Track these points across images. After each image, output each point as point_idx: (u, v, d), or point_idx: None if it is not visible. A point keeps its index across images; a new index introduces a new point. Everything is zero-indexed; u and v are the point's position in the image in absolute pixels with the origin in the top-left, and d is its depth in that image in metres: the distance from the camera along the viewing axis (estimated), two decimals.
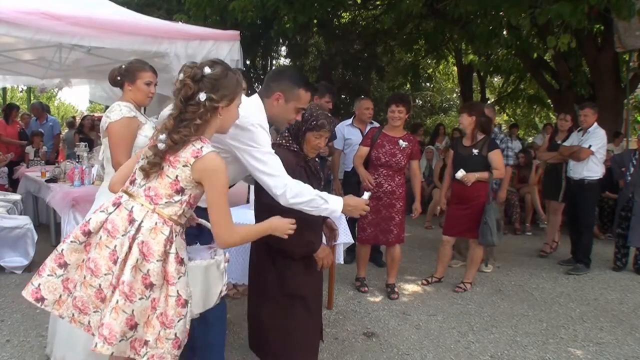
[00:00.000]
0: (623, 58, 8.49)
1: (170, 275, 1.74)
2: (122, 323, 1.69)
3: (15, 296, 3.93)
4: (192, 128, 1.75)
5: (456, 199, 4.35)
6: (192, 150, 1.74)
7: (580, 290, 4.53)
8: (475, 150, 4.22)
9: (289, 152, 2.34)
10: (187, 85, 1.76)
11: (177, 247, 1.78)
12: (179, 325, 1.75)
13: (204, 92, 1.74)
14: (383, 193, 4.02)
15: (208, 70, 1.77)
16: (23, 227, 4.53)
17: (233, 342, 3.19)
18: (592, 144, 4.90)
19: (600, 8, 5.39)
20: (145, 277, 1.72)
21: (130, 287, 1.69)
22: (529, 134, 16.81)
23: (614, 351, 3.28)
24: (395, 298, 4.11)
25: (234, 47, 5.06)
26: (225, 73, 1.81)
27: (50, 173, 5.23)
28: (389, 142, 4.04)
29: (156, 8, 9.65)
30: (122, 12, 4.99)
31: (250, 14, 7.44)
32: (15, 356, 2.97)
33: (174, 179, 1.75)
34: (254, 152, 2.15)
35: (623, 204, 5.16)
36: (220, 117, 1.82)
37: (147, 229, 1.74)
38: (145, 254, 1.72)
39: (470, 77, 13.47)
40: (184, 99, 1.76)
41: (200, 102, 1.75)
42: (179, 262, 1.78)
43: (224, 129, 1.92)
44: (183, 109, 1.77)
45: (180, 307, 1.75)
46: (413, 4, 6.61)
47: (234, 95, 1.83)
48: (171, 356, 1.75)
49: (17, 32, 3.83)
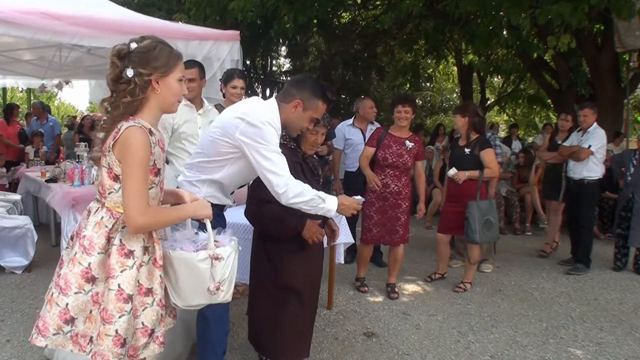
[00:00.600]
0: (623, 58, 8.48)
1: (112, 268, 1.65)
2: (55, 316, 1.64)
3: (15, 296, 3.93)
4: (122, 107, 1.66)
5: (450, 198, 4.42)
6: (114, 133, 1.65)
7: (580, 290, 4.53)
8: (468, 150, 4.27)
9: (286, 149, 2.37)
10: (114, 64, 1.67)
11: (122, 238, 1.68)
12: (120, 322, 1.64)
13: (131, 67, 1.65)
14: (389, 193, 4.02)
15: (134, 45, 1.67)
16: (23, 227, 4.53)
17: (233, 342, 3.19)
18: (592, 144, 4.90)
19: (601, 8, 5.39)
20: (86, 271, 1.65)
21: (65, 280, 1.65)
22: (529, 134, 16.81)
23: (614, 351, 3.28)
24: (396, 297, 4.10)
25: (234, 47, 5.07)
26: (155, 45, 1.70)
27: (50, 173, 5.23)
28: (396, 142, 4.05)
29: (156, 8, 9.65)
30: (122, 12, 5.00)
31: (250, 14, 7.44)
32: (15, 356, 2.97)
33: (108, 167, 1.68)
34: (261, 149, 2.17)
35: (623, 204, 5.15)
36: (157, 92, 1.70)
37: (92, 223, 1.69)
38: (86, 247, 1.66)
39: (470, 77, 13.47)
40: (113, 79, 1.68)
41: (129, 79, 1.65)
42: (124, 255, 1.67)
43: (168, 106, 1.78)
44: (114, 90, 1.69)
45: (121, 302, 1.64)
46: (413, 4, 6.61)
47: (167, 67, 1.70)
48: (113, 354, 1.64)
49: (17, 32, 3.83)
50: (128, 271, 1.67)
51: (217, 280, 1.77)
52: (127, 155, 1.62)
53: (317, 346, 3.19)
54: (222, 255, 1.76)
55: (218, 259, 1.76)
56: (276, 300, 2.42)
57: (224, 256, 1.77)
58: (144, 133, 1.66)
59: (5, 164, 6.80)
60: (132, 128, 1.64)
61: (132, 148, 1.62)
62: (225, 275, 1.78)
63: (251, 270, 2.55)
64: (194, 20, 7.89)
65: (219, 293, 1.79)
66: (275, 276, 2.40)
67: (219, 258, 1.76)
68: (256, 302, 2.47)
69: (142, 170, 1.64)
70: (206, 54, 4.76)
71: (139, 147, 1.62)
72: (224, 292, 1.81)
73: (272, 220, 2.36)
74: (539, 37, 7.77)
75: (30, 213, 5.56)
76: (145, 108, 1.72)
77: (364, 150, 4.24)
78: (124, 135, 1.63)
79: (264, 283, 2.43)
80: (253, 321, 2.54)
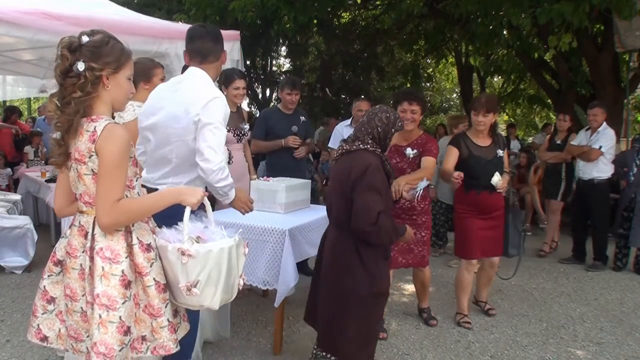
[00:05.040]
0: (623, 58, 8.48)
1: (142, 267, 1.67)
2: (114, 333, 1.62)
3: (15, 296, 3.93)
4: (74, 104, 1.59)
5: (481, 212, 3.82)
6: (89, 136, 1.60)
7: (580, 290, 4.53)
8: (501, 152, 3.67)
9: (374, 156, 2.39)
10: (64, 57, 1.60)
11: (137, 235, 1.70)
12: (167, 310, 1.71)
13: (82, 61, 1.59)
14: (401, 210, 3.32)
15: (86, 39, 1.62)
16: (23, 227, 4.53)
17: (233, 342, 3.19)
18: (603, 145, 4.89)
19: (602, 8, 5.38)
20: (122, 279, 1.64)
21: (107, 297, 1.62)
22: (529, 134, 16.82)
23: (614, 351, 3.28)
24: (434, 324, 3.59)
25: (234, 47, 5.07)
26: (107, 41, 1.65)
27: (50, 173, 5.23)
28: (395, 153, 3.38)
29: (156, 8, 9.66)
30: (122, 12, 5.00)
31: (250, 14, 7.44)
32: (15, 356, 2.97)
33: (92, 174, 1.62)
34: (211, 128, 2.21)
35: (625, 204, 5.14)
36: (107, 89, 1.66)
37: (100, 234, 1.65)
38: (110, 258, 1.64)
39: (470, 77, 13.46)
40: (62, 72, 1.61)
41: (80, 73, 1.59)
42: (145, 250, 1.70)
43: (118, 104, 1.74)
44: (62, 83, 1.62)
45: (163, 293, 1.70)
46: (413, 3, 6.61)
47: (118, 63, 1.66)
48: (172, 342, 1.71)
49: (17, 32, 3.84)
50: (155, 263, 1.71)
51: (189, 280, 1.66)
52: (103, 152, 1.58)
53: None
54: (192, 252, 1.63)
55: (185, 254, 1.63)
56: (369, 305, 2.40)
57: (193, 254, 1.63)
58: (124, 130, 1.64)
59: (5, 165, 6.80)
60: (111, 126, 1.61)
61: (110, 146, 1.58)
62: (199, 276, 1.65)
63: (332, 275, 2.44)
64: (194, 20, 7.89)
65: (192, 294, 1.67)
66: (371, 282, 2.37)
67: (186, 254, 1.63)
68: (348, 309, 2.37)
69: (117, 169, 1.60)
70: None
71: (118, 146, 1.59)
72: (198, 295, 1.67)
73: (389, 228, 2.32)
74: (539, 37, 7.77)
75: (30, 213, 5.57)
76: (100, 105, 1.67)
77: None
78: (104, 134, 1.58)
79: (357, 290, 2.36)
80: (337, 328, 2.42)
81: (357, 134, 2.47)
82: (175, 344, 1.72)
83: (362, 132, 2.46)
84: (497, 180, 3.35)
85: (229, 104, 3.86)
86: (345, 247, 2.40)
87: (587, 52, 7.77)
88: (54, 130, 1.66)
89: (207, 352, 2.95)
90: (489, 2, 6.24)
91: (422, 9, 6.85)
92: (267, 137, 4.25)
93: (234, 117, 3.89)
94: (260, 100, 15.79)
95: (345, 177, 2.36)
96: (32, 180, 5.65)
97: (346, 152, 2.45)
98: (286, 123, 4.25)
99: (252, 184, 3.54)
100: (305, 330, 3.41)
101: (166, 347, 1.70)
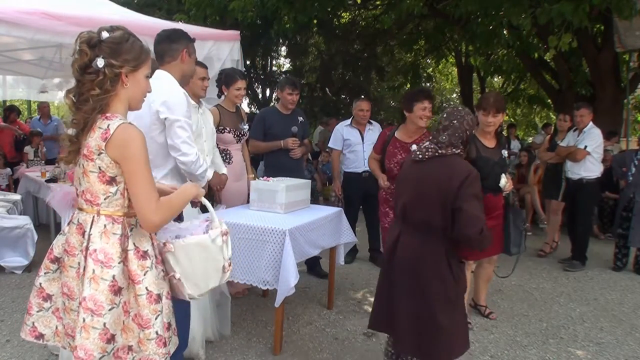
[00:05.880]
0: (623, 58, 8.49)
1: (135, 274, 1.62)
2: (96, 340, 1.56)
3: (15, 296, 3.93)
4: (91, 101, 1.56)
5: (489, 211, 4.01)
6: (101, 134, 1.56)
7: (580, 290, 4.53)
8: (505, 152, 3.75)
9: (466, 162, 2.45)
10: (83, 52, 1.56)
11: (134, 241, 1.65)
12: (157, 323, 1.63)
13: (101, 57, 1.56)
14: None
15: (106, 35, 1.58)
16: (23, 227, 4.53)
17: (233, 342, 3.19)
18: (588, 145, 4.91)
19: (602, 8, 5.39)
20: (112, 284, 1.58)
21: (94, 301, 1.56)
22: (529, 134, 16.82)
23: (614, 351, 3.28)
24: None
25: (234, 47, 5.07)
26: (127, 37, 1.63)
27: (50, 173, 5.24)
28: (401, 149, 3.55)
29: (156, 8, 9.66)
30: (122, 12, 5.00)
31: (250, 14, 7.45)
32: (15, 356, 2.97)
33: (99, 172, 1.58)
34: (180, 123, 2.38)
35: (624, 204, 5.15)
36: (126, 87, 1.63)
37: (96, 235, 1.60)
38: (103, 261, 1.58)
39: (470, 77, 13.47)
40: (80, 67, 1.57)
41: (99, 69, 1.56)
42: (141, 257, 1.65)
43: (135, 102, 1.71)
44: (80, 79, 1.58)
45: (154, 304, 1.63)
46: (413, 3, 6.61)
47: (138, 61, 1.64)
48: (159, 356, 1.64)
49: (17, 32, 3.83)
50: (150, 272, 1.66)
51: (228, 257, 1.80)
52: (127, 152, 1.56)
53: (317, 346, 3.19)
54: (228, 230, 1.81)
55: (227, 234, 1.79)
56: (455, 306, 2.44)
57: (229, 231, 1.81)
58: (139, 130, 1.61)
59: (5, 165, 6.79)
60: (126, 127, 1.58)
61: (133, 148, 1.56)
62: (231, 252, 1.82)
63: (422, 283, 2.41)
64: (194, 20, 7.90)
65: (228, 271, 1.82)
66: (457, 285, 2.43)
67: (227, 233, 1.79)
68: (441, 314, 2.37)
69: (147, 169, 1.60)
70: (207, 54, 4.76)
71: (141, 146, 1.58)
72: (231, 269, 1.84)
73: (488, 236, 2.36)
74: (539, 37, 7.78)
75: (30, 213, 5.57)
76: (117, 103, 1.64)
77: (371, 154, 4.11)
78: (118, 135, 1.55)
79: (448, 294, 2.39)
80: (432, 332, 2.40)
81: (451, 139, 2.41)
82: (163, 358, 1.65)
83: (456, 137, 2.42)
84: (505, 183, 3.37)
85: (229, 104, 3.90)
86: (433, 252, 2.38)
87: (587, 52, 7.78)
88: (68, 127, 1.64)
89: (207, 351, 2.95)
90: (489, 2, 6.25)
91: (422, 9, 6.85)
92: (265, 137, 4.23)
93: (233, 118, 3.90)
94: (260, 100, 15.79)
95: (444, 183, 2.31)
96: (32, 180, 5.65)
97: (439, 155, 2.39)
98: (284, 123, 4.24)
99: (252, 184, 3.54)
100: (305, 330, 3.42)
101: None
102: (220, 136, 3.79)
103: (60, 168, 5.30)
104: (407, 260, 2.42)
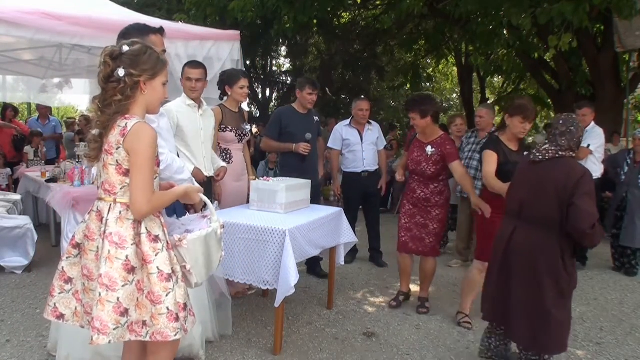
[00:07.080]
0: (623, 58, 8.49)
1: (147, 255, 1.80)
2: (110, 312, 1.75)
3: (15, 296, 3.93)
4: (114, 105, 1.79)
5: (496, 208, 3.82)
6: (119, 131, 1.78)
7: (580, 290, 4.52)
8: None
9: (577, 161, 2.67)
10: (106, 64, 1.80)
11: (147, 226, 1.84)
12: (168, 299, 1.79)
13: (122, 67, 1.79)
14: (417, 199, 3.75)
15: (126, 48, 1.82)
16: (23, 227, 4.53)
17: (233, 341, 3.19)
18: (591, 144, 4.90)
19: (602, 8, 5.39)
20: (125, 263, 1.78)
21: (109, 277, 1.75)
22: (529, 134, 16.79)
23: (614, 351, 3.28)
24: (424, 312, 3.81)
25: (234, 47, 5.07)
26: (145, 50, 1.85)
27: (50, 173, 5.23)
28: (419, 148, 3.77)
29: (156, 8, 9.67)
30: (122, 12, 5.00)
31: (250, 14, 7.45)
32: (15, 356, 2.97)
33: (116, 165, 1.80)
34: None
35: (617, 204, 5.13)
36: (144, 93, 1.85)
37: (113, 220, 1.81)
38: (117, 243, 1.78)
39: (470, 77, 13.47)
40: (104, 77, 1.81)
41: (120, 78, 1.79)
42: (153, 240, 1.83)
43: (152, 107, 1.94)
44: (104, 87, 1.82)
45: (164, 282, 1.80)
46: (413, 3, 6.61)
47: (155, 70, 1.86)
48: (170, 330, 1.79)
49: (17, 32, 3.84)
50: (161, 253, 1.83)
51: (223, 248, 2.05)
52: (137, 150, 1.76)
53: (317, 346, 3.19)
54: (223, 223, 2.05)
55: (223, 227, 2.05)
56: (567, 301, 2.64)
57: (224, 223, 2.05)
58: (152, 129, 1.81)
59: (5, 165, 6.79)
60: (141, 124, 1.79)
61: (143, 144, 1.77)
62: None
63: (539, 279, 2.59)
64: (194, 20, 7.90)
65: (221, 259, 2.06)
66: (570, 281, 2.60)
67: (224, 226, 2.06)
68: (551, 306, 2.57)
69: (151, 164, 1.80)
70: (207, 54, 4.77)
71: (150, 143, 1.78)
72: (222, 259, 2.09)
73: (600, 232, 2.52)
74: (539, 37, 7.78)
75: (30, 213, 5.57)
76: (136, 108, 1.86)
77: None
78: (134, 131, 1.77)
79: (561, 288, 2.58)
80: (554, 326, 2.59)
81: (570, 143, 2.64)
82: (175, 332, 1.80)
83: (574, 142, 2.65)
84: None
85: (233, 103, 3.90)
86: (551, 248, 2.58)
87: (587, 52, 7.78)
88: (94, 127, 1.85)
89: (207, 351, 2.95)
90: (489, 2, 6.25)
91: (422, 9, 6.86)
92: (280, 136, 4.26)
93: (236, 118, 3.90)
94: (260, 100, 15.80)
95: (562, 182, 2.53)
96: (32, 180, 5.64)
97: (559, 157, 2.62)
98: (301, 122, 4.27)
99: (252, 184, 3.54)
100: (305, 330, 3.42)
101: (163, 334, 1.79)
102: (222, 135, 3.80)
103: (60, 168, 5.30)
104: (524, 255, 2.63)
